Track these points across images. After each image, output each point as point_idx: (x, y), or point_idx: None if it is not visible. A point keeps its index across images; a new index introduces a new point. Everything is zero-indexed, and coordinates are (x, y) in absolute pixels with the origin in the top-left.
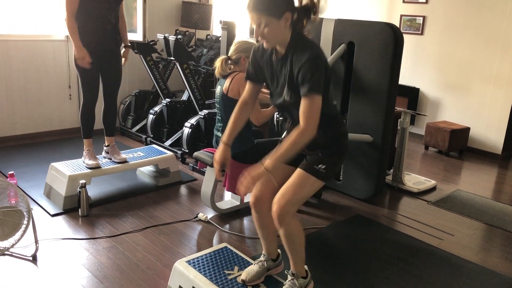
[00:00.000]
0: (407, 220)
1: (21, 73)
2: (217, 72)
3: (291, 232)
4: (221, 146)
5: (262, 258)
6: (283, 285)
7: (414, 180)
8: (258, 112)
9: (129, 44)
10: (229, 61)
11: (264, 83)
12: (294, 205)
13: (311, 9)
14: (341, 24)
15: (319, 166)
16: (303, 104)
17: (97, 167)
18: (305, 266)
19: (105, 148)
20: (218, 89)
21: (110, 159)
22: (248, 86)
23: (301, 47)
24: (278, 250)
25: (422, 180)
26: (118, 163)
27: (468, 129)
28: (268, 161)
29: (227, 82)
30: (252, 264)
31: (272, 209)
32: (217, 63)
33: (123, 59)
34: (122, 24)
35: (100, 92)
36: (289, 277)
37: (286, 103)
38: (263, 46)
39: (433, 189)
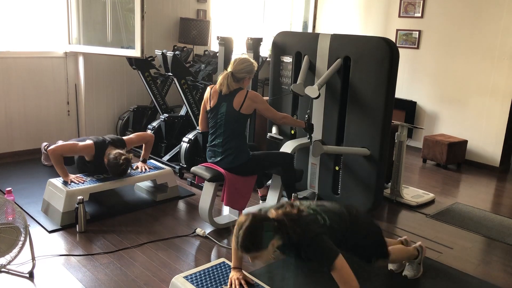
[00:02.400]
0: (406, 233)
1: (20, 90)
2: (224, 88)
3: None
4: (233, 272)
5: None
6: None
7: (412, 193)
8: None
9: (145, 159)
10: (232, 78)
11: None
12: None
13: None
14: (337, 39)
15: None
16: (335, 277)
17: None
18: (414, 245)
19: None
20: (223, 109)
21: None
22: None
23: (299, 241)
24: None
25: (421, 193)
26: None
27: (465, 142)
28: None
29: (239, 99)
30: (251, 278)
31: None
32: (223, 79)
33: (139, 167)
34: (148, 147)
35: None
36: (407, 265)
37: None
38: None
39: (431, 202)
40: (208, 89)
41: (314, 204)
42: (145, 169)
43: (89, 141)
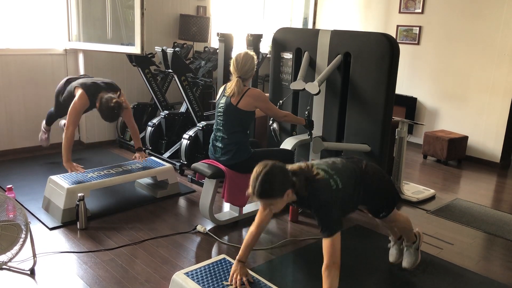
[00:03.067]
0: None
1: (20, 87)
2: (235, 94)
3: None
4: (237, 264)
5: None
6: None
7: (413, 189)
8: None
9: (140, 147)
10: (243, 82)
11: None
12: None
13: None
14: (337, 35)
15: (382, 214)
16: (324, 245)
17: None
18: (414, 231)
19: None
20: (223, 101)
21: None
22: (261, 211)
23: (307, 200)
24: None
25: (421, 189)
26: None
27: (466, 138)
28: None
29: (237, 95)
30: (252, 275)
31: None
32: (232, 85)
33: (140, 158)
34: (132, 129)
35: None
36: (405, 248)
37: None
38: None
39: (432, 198)
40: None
41: (327, 166)
42: (144, 159)
43: (80, 91)
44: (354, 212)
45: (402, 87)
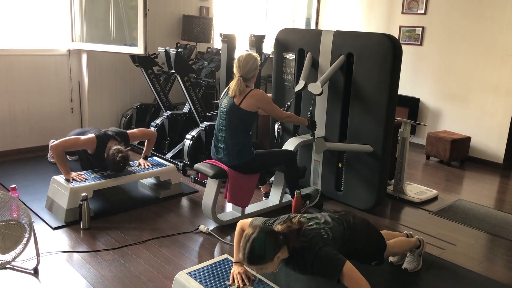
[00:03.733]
0: (409, 230)
1: (23, 87)
2: (236, 93)
3: None
4: (235, 266)
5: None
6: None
7: (415, 190)
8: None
9: (147, 156)
10: (243, 81)
11: None
12: None
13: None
14: (340, 36)
15: (374, 263)
16: (346, 283)
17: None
18: (417, 238)
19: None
20: (225, 101)
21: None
22: None
23: (303, 249)
24: None
25: (424, 190)
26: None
27: (469, 138)
28: None
29: (240, 95)
30: (254, 275)
31: None
32: (234, 84)
33: (144, 165)
34: (149, 141)
35: None
36: (408, 252)
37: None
38: None
39: (434, 199)
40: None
41: (317, 220)
42: (147, 166)
43: (91, 135)
44: None
45: (405, 88)
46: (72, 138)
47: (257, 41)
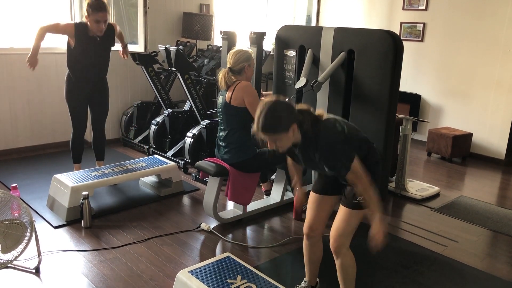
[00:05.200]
0: (411, 227)
1: (24, 86)
2: (222, 84)
3: (346, 264)
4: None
5: (303, 284)
6: None
7: (417, 187)
8: None
9: (126, 44)
10: (231, 72)
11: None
12: (347, 237)
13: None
14: (340, 33)
15: (358, 199)
16: (350, 177)
17: None
18: None
19: None
20: (220, 99)
21: None
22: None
23: (313, 140)
24: (317, 279)
25: (425, 187)
26: None
27: (470, 135)
28: (376, 214)
29: (229, 92)
30: (256, 273)
31: (330, 243)
32: (220, 75)
33: (124, 55)
34: (120, 36)
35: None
36: None
37: (326, 173)
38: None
39: (436, 195)
40: None
41: (334, 115)
42: (126, 56)
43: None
44: None
45: (406, 84)
46: (54, 23)
47: (257, 38)
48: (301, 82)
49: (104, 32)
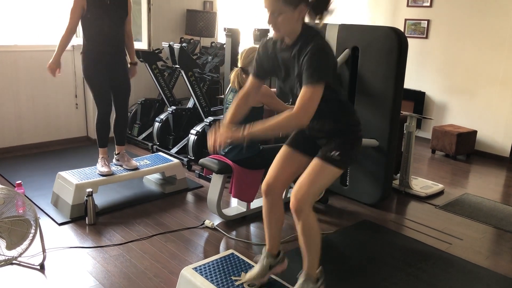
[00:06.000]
0: (415, 224)
1: (28, 83)
2: (235, 85)
3: (308, 226)
4: (223, 127)
5: (262, 255)
6: None
7: (421, 184)
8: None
9: (136, 62)
10: (243, 72)
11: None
12: (312, 195)
13: (325, 4)
14: (345, 29)
15: (333, 153)
16: (302, 92)
17: (109, 174)
18: (318, 269)
19: (115, 156)
20: (231, 96)
21: (121, 165)
22: (252, 80)
23: (308, 39)
24: (280, 247)
25: (430, 184)
26: (130, 170)
27: (475, 132)
28: (248, 130)
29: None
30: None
31: (291, 203)
32: (233, 76)
33: (132, 73)
34: (129, 42)
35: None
36: (300, 280)
37: (297, 92)
38: (271, 38)
39: (440, 193)
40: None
41: None
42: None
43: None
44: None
45: (410, 82)
46: (69, 18)
47: (261, 35)
48: None
49: None
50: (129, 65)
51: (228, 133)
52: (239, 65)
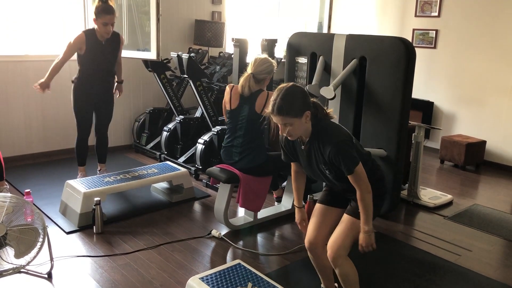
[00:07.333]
0: (424, 235)
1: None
2: (245, 90)
3: (345, 272)
4: (297, 210)
5: None
6: None
7: (430, 194)
8: None
9: (122, 80)
10: (254, 79)
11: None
12: (346, 248)
13: (322, 110)
14: (352, 39)
15: None
16: (351, 179)
17: None
18: None
19: (98, 172)
20: (245, 112)
21: None
22: (291, 164)
23: (323, 135)
24: (336, 284)
25: (438, 195)
26: None
27: (484, 142)
28: (366, 226)
29: (260, 101)
30: (267, 281)
31: (327, 253)
32: (243, 80)
33: (117, 94)
34: (118, 66)
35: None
36: None
37: (328, 179)
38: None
39: (449, 203)
40: (228, 88)
41: None
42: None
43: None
44: None
45: (419, 91)
46: (65, 50)
47: (269, 46)
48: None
49: (111, 35)
50: (115, 84)
51: (370, 240)
52: (250, 71)
